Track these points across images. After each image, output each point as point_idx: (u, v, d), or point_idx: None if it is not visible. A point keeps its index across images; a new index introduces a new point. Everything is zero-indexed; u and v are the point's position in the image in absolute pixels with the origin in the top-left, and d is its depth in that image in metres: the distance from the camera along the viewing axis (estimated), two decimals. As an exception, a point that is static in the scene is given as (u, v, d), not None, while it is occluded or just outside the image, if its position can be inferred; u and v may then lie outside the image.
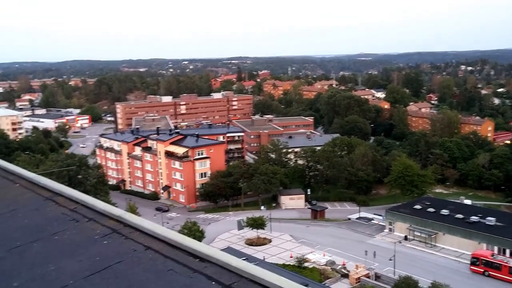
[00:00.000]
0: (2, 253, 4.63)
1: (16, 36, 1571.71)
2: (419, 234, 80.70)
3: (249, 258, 59.56)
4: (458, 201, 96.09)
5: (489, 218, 77.46)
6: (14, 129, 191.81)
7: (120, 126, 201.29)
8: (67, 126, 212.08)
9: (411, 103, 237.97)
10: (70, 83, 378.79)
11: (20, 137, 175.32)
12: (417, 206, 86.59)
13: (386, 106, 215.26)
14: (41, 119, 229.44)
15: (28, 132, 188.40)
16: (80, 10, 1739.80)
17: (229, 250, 64.39)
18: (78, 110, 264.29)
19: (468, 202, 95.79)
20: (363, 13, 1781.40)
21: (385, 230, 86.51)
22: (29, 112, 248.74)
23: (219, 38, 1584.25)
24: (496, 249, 72.24)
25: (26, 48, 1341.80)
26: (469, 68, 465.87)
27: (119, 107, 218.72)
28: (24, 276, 4.18)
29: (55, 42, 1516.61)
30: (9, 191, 6.36)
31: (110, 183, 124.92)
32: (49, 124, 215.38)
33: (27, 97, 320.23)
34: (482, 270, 66.56)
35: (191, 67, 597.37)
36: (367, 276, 63.22)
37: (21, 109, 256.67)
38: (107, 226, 5.03)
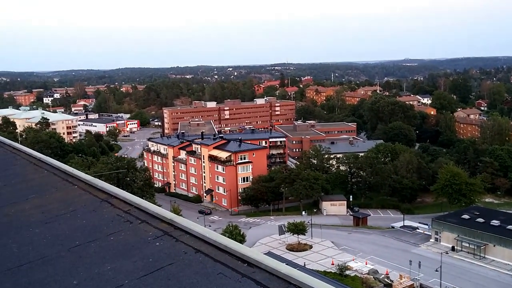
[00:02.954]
0: (63, 252, 4.87)
1: (72, 45, 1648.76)
2: (467, 245, 77.69)
3: (290, 264, 59.27)
4: (510, 211, 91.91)
5: (544, 230, 73.75)
6: (69, 133, 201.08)
7: (166, 131, 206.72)
8: (117, 130, 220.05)
9: (459, 110, 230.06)
10: (121, 90, 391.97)
11: (74, 140, 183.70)
12: (465, 216, 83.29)
13: (432, 113, 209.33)
14: (94, 124, 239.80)
15: (82, 136, 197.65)
16: (133, 22, 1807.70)
17: (269, 254, 64.18)
18: (128, 115, 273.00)
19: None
20: (408, 18, 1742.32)
21: (430, 240, 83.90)
22: (83, 117, 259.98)
23: (263, 46, 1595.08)
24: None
25: (82, 56, 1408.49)
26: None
27: (166, 112, 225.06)
28: (83, 275, 4.36)
29: (108, 51, 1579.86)
30: (69, 192, 6.70)
31: (156, 185, 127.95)
32: (101, 128, 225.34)
33: (82, 102, 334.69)
34: None
35: (235, 73, 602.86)
36: (412, 287, 61.48)
37: (76, 114, 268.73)
38: (159, 228, 5.18)
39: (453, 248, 78.84)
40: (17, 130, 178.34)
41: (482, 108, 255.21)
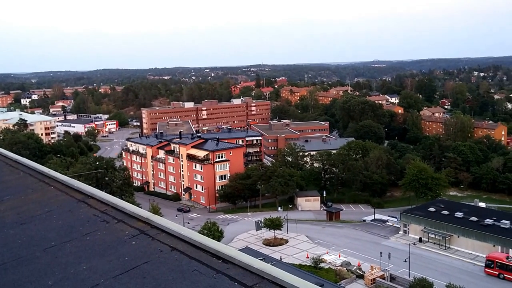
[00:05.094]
0: (39, 253, 4.84)
1: (50, 47, 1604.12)
2: (433, 236, 79.90)
3: (266, 258, 59.49)
4: (473, 204, 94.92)
5: (503, 221, 76.35)
6: (47, 134, 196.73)
7: (145, 131, 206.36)
8: (96, 131, 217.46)
9: (425, 108, 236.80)
10: (100, 91, 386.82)
11: (52, 141, 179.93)
12: (431, 209, 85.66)
13: (400, 111, 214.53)
14: (72, 124, 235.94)
15: (60, 137, 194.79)
16: (111, 24, 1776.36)
17: (247, 250, 64.55)
18: (106, 116, 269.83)
19: (482, 205, 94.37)
20: (376, 22, 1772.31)
21: (399, 232, 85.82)
22: (61, 118, 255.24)
23: (239, 48, 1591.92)
24: (511, 251, 71.04)
25: (60, 58, 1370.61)
26: (482, 74, 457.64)
27: (144, 113, 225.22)
28: (58, 275, 4.35)
29: (86, 52, 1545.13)
30: (45, 193, 6.64)
31: (135, 184, 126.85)
32: (79, 129, 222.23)
33: (60, 103, 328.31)
34: (497, 273, 65.41)
35: (212, 74, 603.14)
36: (382, 277, 62.67)
37: (54, 115, 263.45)
38: (135, 227, 5.19)
39: (420, 240, 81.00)
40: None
41: (446, 107, 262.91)
